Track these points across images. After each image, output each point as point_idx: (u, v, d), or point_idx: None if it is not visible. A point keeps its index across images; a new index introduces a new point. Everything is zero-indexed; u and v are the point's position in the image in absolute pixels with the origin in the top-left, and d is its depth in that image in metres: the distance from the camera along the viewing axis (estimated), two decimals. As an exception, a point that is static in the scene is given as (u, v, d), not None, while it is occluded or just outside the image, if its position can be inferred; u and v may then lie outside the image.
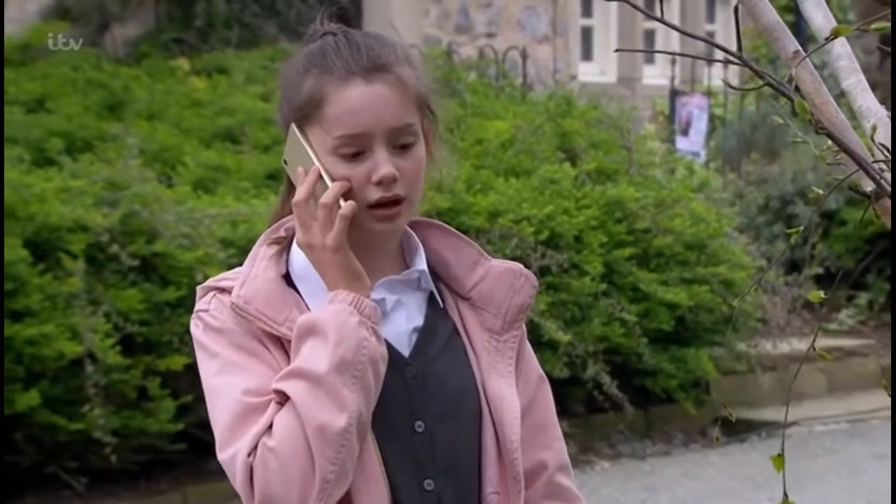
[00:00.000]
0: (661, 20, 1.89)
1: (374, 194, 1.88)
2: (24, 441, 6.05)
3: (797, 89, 1.81)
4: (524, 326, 2.04)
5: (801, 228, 1.94)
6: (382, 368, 1.88)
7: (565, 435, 2.07)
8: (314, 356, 1.85)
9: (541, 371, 2.05)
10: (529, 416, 2.00)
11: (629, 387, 7.46)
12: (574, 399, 7.43)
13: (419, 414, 1.93)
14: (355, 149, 1.88)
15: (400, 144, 1.89)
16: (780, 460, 1.70)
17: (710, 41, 1.94)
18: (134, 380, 6.09)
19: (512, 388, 1.98)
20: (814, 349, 1.79)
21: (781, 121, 1.92)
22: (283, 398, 1.85)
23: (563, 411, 7.20)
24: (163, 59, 8.44)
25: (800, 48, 1.88)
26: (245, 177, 7.04)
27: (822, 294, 1.86)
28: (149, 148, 7.03)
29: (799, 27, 8.66)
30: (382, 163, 1.87)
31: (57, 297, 5.97)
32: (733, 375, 8.10)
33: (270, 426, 1.85)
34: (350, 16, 2.02)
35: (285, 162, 1.95)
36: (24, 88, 7.63)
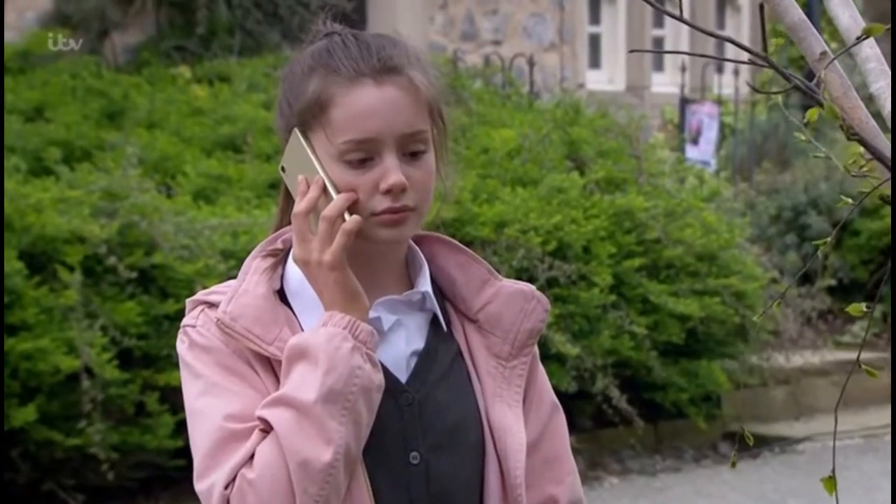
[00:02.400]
0: (681, 19, 1.76)
1: (381, 204, 1.77)
2: (20, 457, 5.96)
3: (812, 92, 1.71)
4: (536, 350, 1.92)
5: (829, 240, 1.85)
6: (377, 398, 1.76)
7: (573, 450, 1.95)
8: (302, 383, 1.73)
9: (555, 399, 1.94)
10: (541, 447, 1.89)
11: (639, 401, 7.36)
12: (582, 413, 7.32)
13: (414, 444, 1.81)
14: (362, 155, 1.77)
15: (410, 152, 1.79)
16: (831, 483, 1.63)
17: (732, 41, 1.81)
18: (132, 395, 6.00)
19: (518, 418, 1.86)
20: (860, 366, 1.74)
21: (803, 137, 1.81)
22: (268, 426, 1.74)
23: (571, 426, 7.00)
24: (164, 67, 8.35)
25: (827, 49, 1.78)
26: (247, 186, 6.94)
27: (863, 307, 1.76)
28: (148, 157, 6.94)
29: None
30: (392, 171, 1.76)
31: (53, 311, 5.88)
32: (745, 389, 7.98)
33: (252, 456, 1.73)
34: (354, 22, 1.89)
35: (283, 168, 1.83)
36: (22, 96, 7.55)
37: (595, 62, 11.79)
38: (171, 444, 6.00)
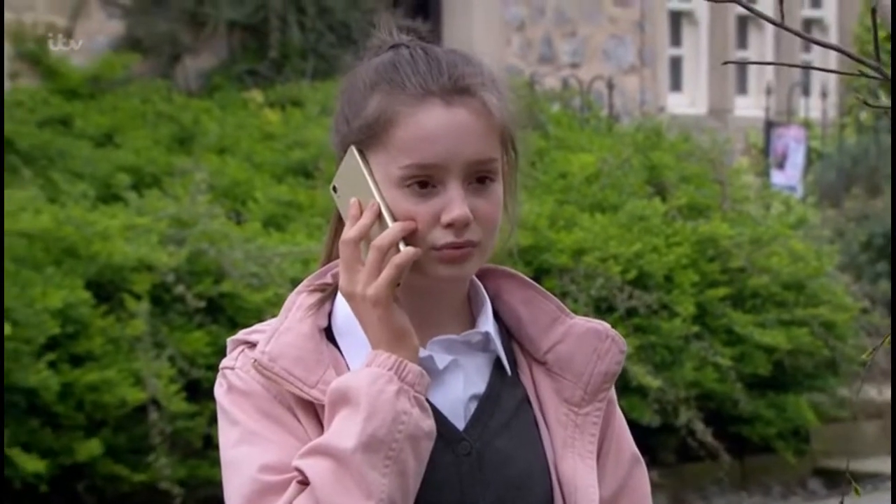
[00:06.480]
0: (782, 25, 1.56)
1: (442, 238, 1.61)
2: (85, 492, 5.89)
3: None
4: (614, 395, 1.74)
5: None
6: (426, 447, 1.60)
7: (655, 486, 1.77)
8: (342, 430, 1.58)
9: (635, 450, 1.76)
10: None
11: (724, 435, 7.16)
12: (665, 447, 7.15)
13: (472, 499, 1.65)
14: (424, 182, 1.61)
15: (477, 181, 1.62)
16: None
17: (839, 49, 1.60)
18: (200, 427, 5.91)
19: (591, 471, 1.69)
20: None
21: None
22: (305, 477, 1.59)
23: (653, 461, 6.91)
24: (235, 91, 8.29)
25: (944, 60, 1.57)
26: (318, 213, 6.83)
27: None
28: (218, 183, 6.86)
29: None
30: (456, 202, 1.61)
31: (120, 341, 5.82)
32: (835, 423, 7.75)
33: None
34: (428, 42, 1.71)
35: (335, 189, 1.66)
36: (92, 122, 7.51)
37: (676, 85, 11.58)
38: (239, 478, 5.86)
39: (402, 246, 1.61)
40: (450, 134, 1.61)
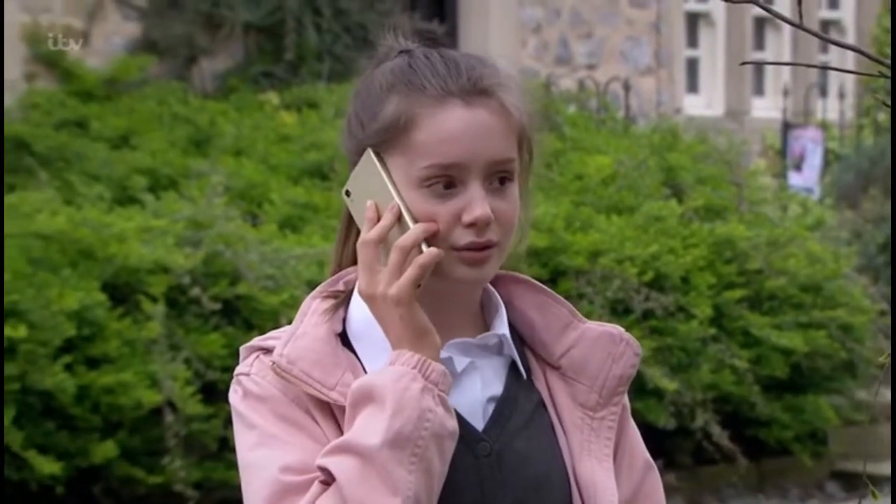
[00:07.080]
0: (800, 26, 1.56)
1: (464, 238, 1.61)
2: (101, 494, 5.89)
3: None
4: (626, 401, 1.74)
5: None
6: (450, 446, 1.59)
7: (671, 489, 1.74)
8: (367, 427, 1.57)
9: (648, 457, 1.76)
10: None
11: (741, 437, 7.13)
12: (681, 450, 7.11)
13: (492, 500, 1.65)
14: (445, 182, 1.61)
15: (496, 181, 1.63)
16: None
17: (858, 49, 1.59)
18: (215, 430, 5.90)
19: (609, 473, 1.69)
20: None
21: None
22: (329, 476, 1.58)
23: (669, 463, 6.88)
24: (251, 93, 8.29)
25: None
26: (334, 215, 6.82)
27: None
28: (234, 185, 6.86)
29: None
30: (477, 202, 1.61)
31: (135, 343, 5.82)
32: (853, 426, 7.71)
33: None
34: (445, 46, 1.72)
35: (347, 193, 1.66)
36: (109, 124, 7.51)
37: (693, 86, 11.56)
38: (254, 480, 5.85)
39: (424, 247, 1.61)
40: (471, 134, 1.62)
